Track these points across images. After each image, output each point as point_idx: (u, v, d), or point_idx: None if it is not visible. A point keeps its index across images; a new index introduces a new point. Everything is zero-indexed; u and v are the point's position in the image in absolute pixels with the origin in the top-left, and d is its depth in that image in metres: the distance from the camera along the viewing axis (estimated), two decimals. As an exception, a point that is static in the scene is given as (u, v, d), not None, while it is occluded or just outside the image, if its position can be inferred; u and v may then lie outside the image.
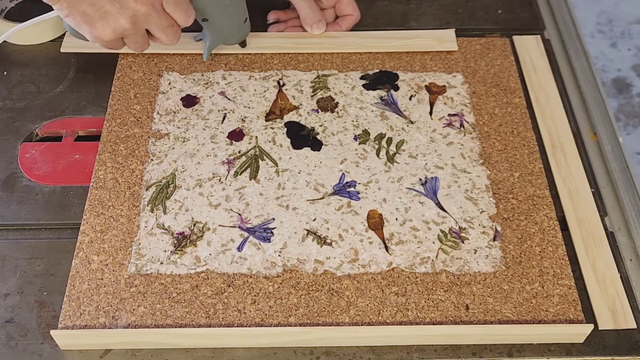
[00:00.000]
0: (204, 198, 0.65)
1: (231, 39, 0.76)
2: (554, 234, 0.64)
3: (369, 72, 0.77)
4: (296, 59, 0.78)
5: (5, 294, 0.60)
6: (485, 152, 0.70)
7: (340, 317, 0.58)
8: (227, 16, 0.72)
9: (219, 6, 0.71)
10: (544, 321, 0.58)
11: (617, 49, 1.94)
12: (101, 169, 0.67)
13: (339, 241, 0.63)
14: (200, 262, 0.61)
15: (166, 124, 0.71)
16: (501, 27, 0.84)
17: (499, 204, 0.66)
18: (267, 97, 0.74)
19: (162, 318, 0.58)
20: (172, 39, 0.68)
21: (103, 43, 0.66)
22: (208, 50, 0.75)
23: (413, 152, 0.70)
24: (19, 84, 0.76)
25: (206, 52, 0.75)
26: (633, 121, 1.78)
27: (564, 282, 0.60)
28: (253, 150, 0.69)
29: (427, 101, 0.74)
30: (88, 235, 0.63)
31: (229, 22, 0.73)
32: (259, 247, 0.62)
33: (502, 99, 0.75)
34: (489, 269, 0.61)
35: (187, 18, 0.67)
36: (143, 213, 0.64)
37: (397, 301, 0.59)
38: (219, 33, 0.74)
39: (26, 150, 0.70)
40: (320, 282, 0.60)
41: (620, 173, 0.70)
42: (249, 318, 0.58)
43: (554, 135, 0.72)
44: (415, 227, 0.64)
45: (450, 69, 0.78)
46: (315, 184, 0.67)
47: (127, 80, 0.75)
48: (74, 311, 0.58)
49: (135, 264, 0.61)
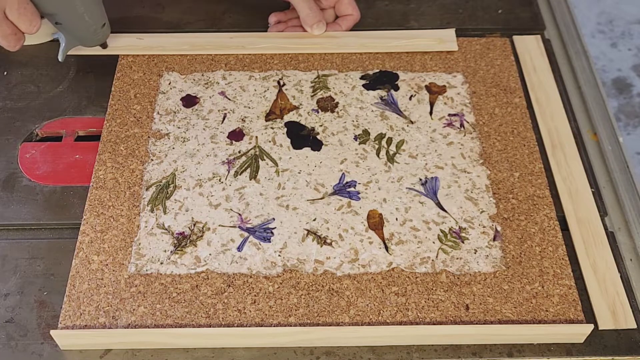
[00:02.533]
0: (204, 198, 0.65)
1: (88, 43, 0.75)
2: (554, 234, 0.64)
3: (369, 72, 0.77)
4: (296, 59, 0.78)
5: (5, 293, 0.60)
6: (485, 152, 0.70)
7: (340, 317, 0.58)
8: (81, 23, 0.71)
9: (72, 13, 0.70)
10: (544, 321, 0.58)
11: (617, 49, 1.94)
12: (101, 169, 0.67)
13: (339, 241, 0.63)
14: (200, 262, 0.61)
15: (166, 124, 0.71)
16: (501, 27, 0.84)
17: (499, 204, 0.66)
18: (267, 97, 0.74)
19: (162, 318, 0.58)
20: (13, 45, 0.68)
21: None
22: (63, 52, 0.74)
23: (413, 152, 0.70)
24: (19, 83, 0.76)
25: (61, 52, 0.74)
26: (633, 121, 1.78)
27: (564, 282, 0.60)
28: (253, 150, 0.69)
29: (427, 101, 0.74)
30: (88, 235, 0.63)
31: (84, 27, 0.72)
32: (259, 247, 0.62)
33: (502, 99, 0.74)
34: (489, 269, 0.61)
35: (31, 27, 0.67)
36: (143, 213, 0.64)
37: (397, 301, 0.59)
38: (74, 36, 0.73)
39: (26, 150, 0.70)
40: (320, 282, 0.60)
41: (621, 173, 0.70)
42: (249, 318, 0.58)
43: (554, 135, 0.72)
44: (415, 227, 0.64)
45: (451, 69, 0.78)
46: (316, 184, 0.67)
47: (127, 80, 0.75)
48: (74, 311, 0.58)
49: (135, 264, 0.61)
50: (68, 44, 0.74)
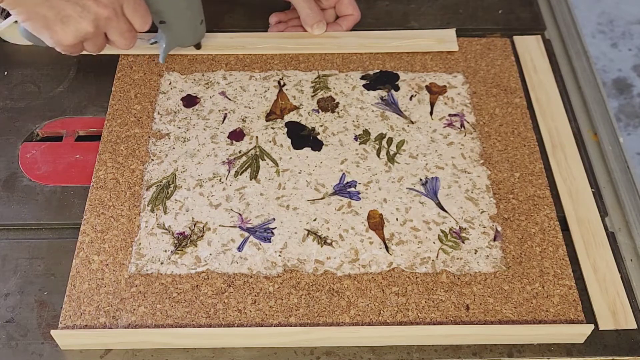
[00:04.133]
0: (204, 198, 0.65)
1: (187, 41, 0.76)
2: (554, 234, 0.64)
3: (370, 72, 0.77)
4: (297, 59, 0.78)
5: (5, 293, 0.60)
6: (485, 152, 0.70)
7: (340, 317, 0.58)
8: (184, 18, 0.72)
9: (176, 9, 0.71)
10: (544, 321, 0.58)
11: (617, 49, 1.94)
12: (102, 169, 0.67)
13: (339, 241, 0.63)
14: (200, 262, 0.61)
15: (167, 124, 0.71)
16: (502, 27, 0.84)
17: (500, 204, 0.66)
18: (267, 97, 0.74)
19: (163, 318, 0.58)
20: (128, 43, 0.68)
21: (63, 48, 0.66)
22: (164, 53, 0.75)
23: (413, 152, 0.70)
24: (19, 84, 0.76)
25: (162, 54, 0.75)
26: (634, 121, 1.78)
27: (565, 283, 0.60)
28: (253, 150, 0.69)
29: (428, 101, 0.74)
30: (88, 235, 0.63)
31: (186, 24, 0.73)
32: (260, 247, 0.62)
33: (503, 99, 0.74)
34: (490, 269, 0.61)
35: (144, 24, 0.67)
36: (143, 213, 0.64)
37: (397, 301, 0.59)
38: (175, 35, 0.74)
39: (27, 150, 0.70)
40: (320, 282, 0.60)
41: (621, 173, 0.70)
42: (249, 318, 0.58)
43: (554, 136, 0.72)
44: (416, 227, 0.64)
45: (451, 69, 0.78)
46: (316, 184, 0.67)
47: (127, 80, 0.75)
48: (75, 311, 0.58)
49: (135, 263, 0.61)
50: (169, 45, 0.74)
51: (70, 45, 0.65)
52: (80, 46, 0.67)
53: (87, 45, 0.67)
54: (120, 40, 0.67)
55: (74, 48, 0.66)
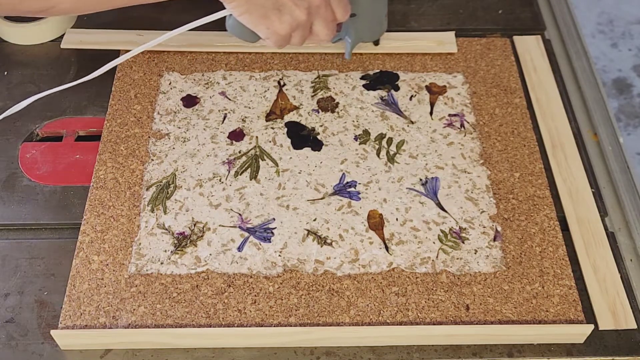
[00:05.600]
0: (204, 198, 0.65)
1: (372, 35, 0.77)
2: (554, 234, 0.64)
3: (370, 72, 0.77)
4: (296, 59, 0.78)
5: (5, 293, 0.60)
6: (485, 152, 0.70)
7: (340, 317, 0.58)
8: (374, 10, 0.74)
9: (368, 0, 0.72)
10: (544, 321, 0.58)
11: (617, 49, 1.94)
12: (101, 169, 0.67)
13: (339, 241, 0.63)
14: (200, 262, 0.61)
15: (167, 124, 0.71)
16: (502, 28, 0.84)
17: (500, 204, 0.66)
18: (267, 97, 0.74)
19: (163, 318, 0.58)
20: (330, 33, 0.68)
21: (276, 39, 0.66)
22: (351, 47, 0.76)
23: (413, 152, 0.70)
24: (19, 84, 0.76)
25: (349, 50, 0.76)
26: (633, 121, 1.78)
27: (565, 283, 0.60)
28: (253, 150, 0.69)
29: (428, 101, 0.74)
30: (88, 235, 0.63)
31: (375, 16, 0.74)
32: (259, 247, 0.62)
33: (503, 99, 0.74)
34: (489, 269, 0.61)
35: (345, 14, 0.68)
36: (143, 213, 0.64)
37: (397, 301, 0.59)
38: (362, 29, 0.75)
39: (27, 150, 0.70)
40: (320, 282, 0.60)
41: (621, 173, 0.70)
42: (249, 318, 0.58)
43: (554, 136, 0.72)
44: (416, 227, 0.64)
45: (451, 69, 0.78)
46: (316, 184, 0.67)
47: (127, 80, 0.75)
48: (74, 311, 0.58)
49: (135, 264, 0.61)
50: (355, 40, 0.75)
51: (284, 36, 0.65)
52: (289, 38, 0.67)
53: (295, 35, 0.67)
54: (324, 30, 0.67)
55: (285, 40, 0.66)
